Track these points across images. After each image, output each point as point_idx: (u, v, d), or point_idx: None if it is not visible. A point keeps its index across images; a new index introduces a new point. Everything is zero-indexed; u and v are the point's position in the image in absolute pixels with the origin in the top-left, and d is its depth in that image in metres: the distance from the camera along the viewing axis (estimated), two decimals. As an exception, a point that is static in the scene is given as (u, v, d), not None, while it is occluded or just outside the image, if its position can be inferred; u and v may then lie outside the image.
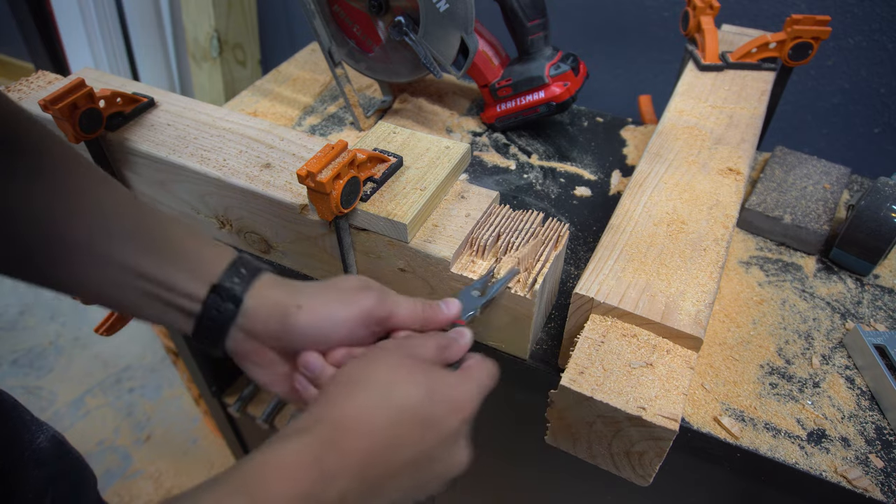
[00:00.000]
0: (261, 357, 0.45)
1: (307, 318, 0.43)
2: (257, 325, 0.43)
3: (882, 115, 1.16)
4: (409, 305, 0.46)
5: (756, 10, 1.15)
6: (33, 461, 0.44)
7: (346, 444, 0.35)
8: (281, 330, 0.43)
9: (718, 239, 0.57)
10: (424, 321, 0.46)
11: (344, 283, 0.45)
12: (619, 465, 0.52)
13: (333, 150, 0.51)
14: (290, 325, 0.43)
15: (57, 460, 0.47)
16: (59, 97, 0.58)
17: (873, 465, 0.53)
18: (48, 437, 0.47)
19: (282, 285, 0.45)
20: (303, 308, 0.43)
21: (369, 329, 0.44)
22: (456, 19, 0.73)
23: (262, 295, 0.44)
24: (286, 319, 0.43)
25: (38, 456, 0.45)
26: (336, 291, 0.45)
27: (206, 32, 1.73)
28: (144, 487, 1.56)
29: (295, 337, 0.43)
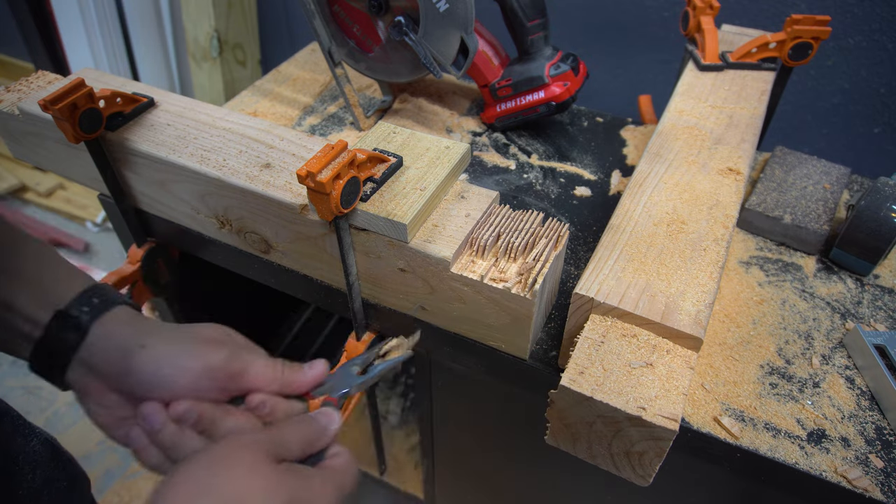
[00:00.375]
0: (101, 397, 0.42)
1: (148, 360, 0.40)
2: (98, 361, 0.41)
3: (882, 115, 1.16)
4: (267, 365, 0.43)
5: (756, 10, 1.15)
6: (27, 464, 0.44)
7: None
8: (122, 369, 0.41)
9: (718, 239, 0.57)
10: (284, 384, 0.44)
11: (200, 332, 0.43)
12: (619, 465, 0.52)
13: (333, 150, 0.51)
14: (132, 366, 0.40)
15: (51, 463, 0.46)
16: (59, 97, 0.58)
17: (873, 465, 0.53)
18: (41, 441, 0.46)
19: (134, 323, 0.43)
20: (146, 349, 0.41)
21: (218, 384, 0.42)
22: (456, 19, 0.73)
23: (109, 329, 0.41)
24: (128, 359, 0.40)
25: (32, 459, 0.44)
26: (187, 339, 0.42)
27: (206, 32, 1.73)
28: (144, 487, 1.56)
29: (135, 379, 0.41)
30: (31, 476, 0.44)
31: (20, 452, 0.44)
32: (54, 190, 2.26)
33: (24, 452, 0.44)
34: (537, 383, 0.60)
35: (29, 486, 0.43)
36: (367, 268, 0.60)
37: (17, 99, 0.72)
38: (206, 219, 0.68)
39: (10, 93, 0.73)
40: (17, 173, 2.29)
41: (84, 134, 0.62)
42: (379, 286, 0.62)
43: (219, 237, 0.70)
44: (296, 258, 0.66)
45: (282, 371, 0.44)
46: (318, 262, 0.64)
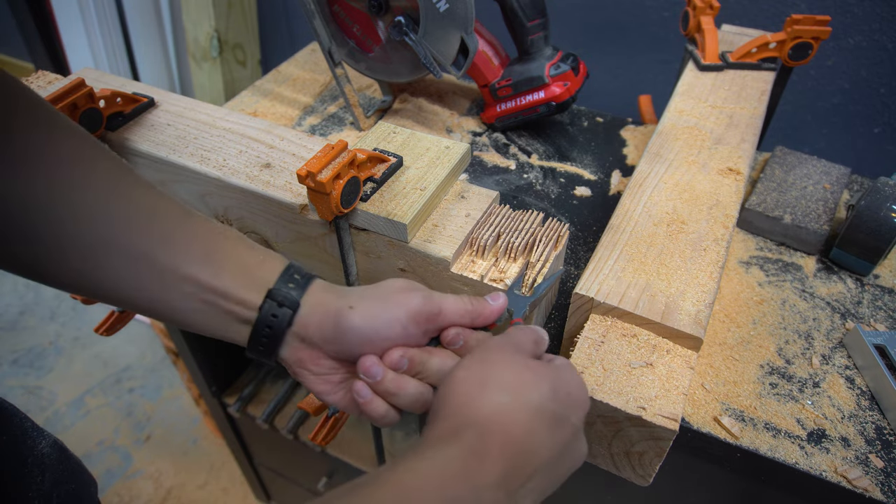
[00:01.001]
0: (316, 364, 0.45)
1: (360, 318, 0.43)
2: (312, 330, 0.44)
3: (882, 115, 1.16)
4: (457, 301, 0.46)
5: (756, 10, 1.15)
6: (37, 467, 0.44)
7: (493, 455, 0.35)
8: (335, 332, 0.43)
9: (718, 239, 0.57)
10: (474, 316, 0.46)
11: (391, 285, 0.46)
12: (619, 465, 0.52)
13: (333, 150, 0.51)
14: (344, 327, 0.43)
15: (59, 465, 0.47)
16: (59, 97, 0.58)
17: (873, 465, 0.53)
18: (49, 443, 0.47)
19: (333, 290, 0.45)
20: (355, 309, 0.43)
21: (421, 327, 0.44)
22: (456, 19, 0.73)
23: (315, 299, 0.44)
24: (340, 321, 0.43)
25: (41, 461, 0.45)
26: (385, 292, 0.45)
27: (206, 32, 1.73)
28: (144, 487, 1.56)
29: (349, 338, 0.43)
30: (41, 479, 0.44)
31: (29, 455, 0.44)
32: (54, 190, 2.26)
33: (34, 455, 0.45)
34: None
35: (39, 488, 0.44)
36: (368, 268, 0.60)
37: (17, 99, 0.72)
38: (206, 219, 0.68)
39: (10, 93, 0.73)
40: (17, 173, 2.28)
41: (84, 134, 0.62)
42: (379, 286, 0.62)
43: (219, 237, 0.70)
44: (296, 258, 0.66)
45: (470, 304, 0.46)
46: (318, 262, 0.64)
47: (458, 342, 0.45)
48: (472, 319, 0.46)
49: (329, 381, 0.46)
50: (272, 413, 1.10)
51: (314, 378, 0.46)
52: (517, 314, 0.49)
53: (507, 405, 0.37)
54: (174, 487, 1.56)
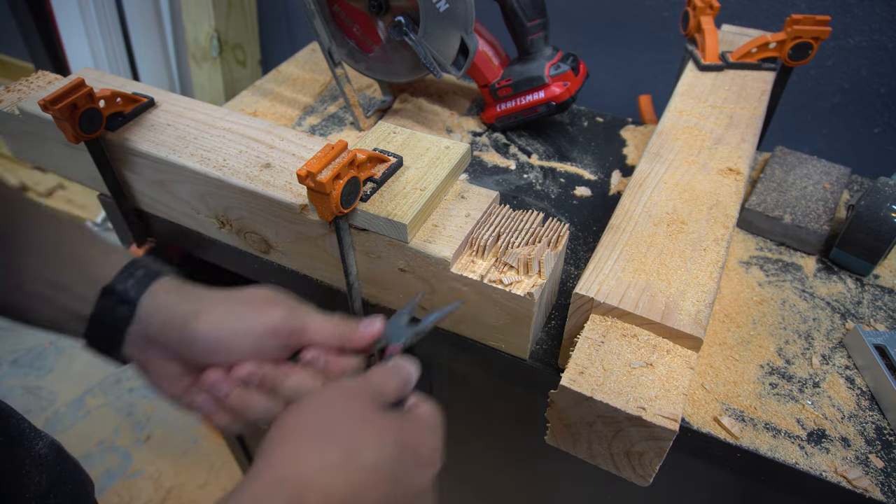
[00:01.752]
0: (163, 368, 0.43)
1: (208, 327, 0.41)
2: (154, 332, 0.41)
3: (882, 115, 1.16)
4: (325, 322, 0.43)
5: (756, 10, 1.15)
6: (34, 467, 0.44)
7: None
8: (180, 338, 0.41)
9: (718, 239, 0.57)
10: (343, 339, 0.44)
11: (251, 295, 0.43)
12: (619, 465, 0.52)
13: (333, 150, 0.51)
14: (190, 334, 0.40)
15: (56, 466, 0.46)
16: (59, 97, 0.58)
17: (873, 465, 0.53)
18: (47, 444, 0.47)
19: (182, 291, 0.43)
20: (203, 314, 0.41)
21: (280, 342, 0.42)
22: (456, 19, 0.73)
23: (159, 299, 0.42)
24: (185, 327, 0.41)
25: (38, 462, 0.45)
26: (241, 302, 0.42)
27: (206, 32, 1.73)
28: (144, 487, 1.56)
29: (195, 346, 0.41)
30: (38, 479, 0.44)
31: (26, 456, 0.44)
32: (54, 190, 2.26)
33: (31, 456, 0.44)
34: (537, 383, 0.60)
35: (36, 489, 0.44)
36: (367, 268, 0.60)
37: (17, 99, 0.72)
38: (206, 219, 0.68)
39: (10, 93, 0.73)
40: (17, 173, 2.29)
41: (84, 134, 0.62)
42: (379, 286, 0.62)
43: (219, 237, 0.70)
44: (296, 258, 0.66)
45: (340, 326, 0.44)
46: (318, 262, 0.64)
47: (317, 364, 0.43)
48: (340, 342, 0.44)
49: (177, 385, 0.44)
50: (272, 413, 1.10)
51: (161, 381, 0.43)
52: (395, 341, 0.46)
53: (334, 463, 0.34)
54: (174, 487, 1.56)
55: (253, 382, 0.41)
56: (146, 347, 0.42)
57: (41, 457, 0.45)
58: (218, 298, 0.42)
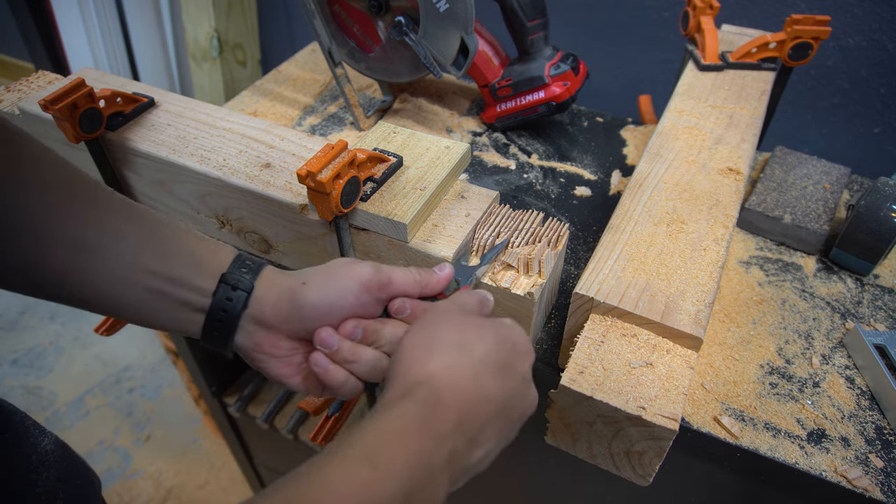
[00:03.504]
0: (274, 347, 0.46)
1: (315, 292, 0.44)
2: (267, 311, 0.44)
3: (882, 115, 1.16)
4: (406, 271, 0.47)
5: (756, 10, 1.15)
6: (41, 463, 0.45)
7: (446, 403, 0.36)
8: (291, 309, 0.44)
9: (718, 239, 0.57)
10: (423, 285, 0.48)
11: (338, 262, 0.47)
12: (619, 465, 0.52)
13: (333, 150, 0.51)
14: (300, 302, 0.44)
15: (63, 462, 0.47)
16: (59, 97, 0.58)
17: (873, 464, 0.53)
18: (52, 441, 0.47)
19: (285, 273, 0.47)
20: (308, 284, 0.45)
21: (373, 295, 0.45)
22: (456, 19, 0.73)
23: (269, 282, 0.45)
24: (294, 297, 0.44)
25: (44, 458, 0.45)
26: (334, 268, 0.46)
27: (206, 32, 1.73)
28: (144, 487, 1.56)
29: (305, 313, 0.44)
30: (46, 475, 0.45)
31: (33, 452, 0.45)
32: (54, 190, 2.26)
33: (37, 452, 0.45)
34: (537, 383, 0.60)
35: (45, 484, 0.44)
36: (367, 268, 0.60)
37: (17, 99, 0.72)
38: (206, 219, 0.68)
39: (10, 93, 0.73)
40: (17, 173, 2.28)
41: (84, 134, 0.62)
42: (379, 286, 0.62)
43: (219, 237, 0.70)
44: (296, 258, 0.66)
45: (419, 275, 0.48)
46: (318, 261, 0.64)
47: (404, 311, 0.47)
48: (420, 289, 0.48)
49: (289, 363, 0.46)
50: (272, 413, 1.10)
51: (274, 361, 0.46)
52: (464, 283, 0.51)
53: (454, 361, 0.39)
54: (174, 487, 1.56)
55: (357, 335, 0.45)
56: (256, 330, 0.45)
57: (48, 453, 0.46)
58: (314, 271, 0.46)
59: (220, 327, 0.44)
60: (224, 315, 0.44)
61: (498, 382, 0.39)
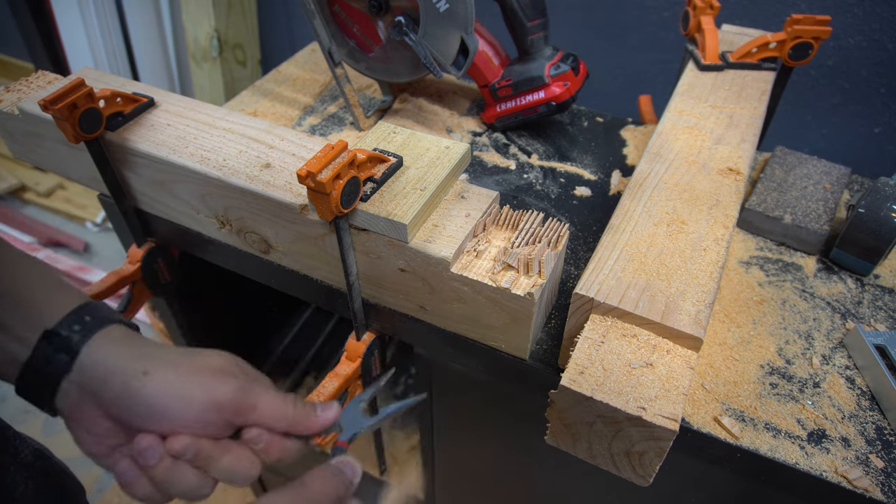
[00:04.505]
0: (93, 424, 0.40)
1: (151, 389, 0.38)
2: (95, 385, 0.39)
3: (882, 115, 1.16)
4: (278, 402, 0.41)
5: (756, 10, 1.15)
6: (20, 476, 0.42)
7: None
8: (122, 396, 0.38)
9: (718, 239, 0.57)
10: (292, 423, 0.42)
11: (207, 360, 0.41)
12: (619, 465, 0.52)
13: (333, 150, 0.51)
14: (133, 393, 0.38)
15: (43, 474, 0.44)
16: (58, 97, 0.58)
17: (873, 465, 0.53)
18: (32, 451, 0.44)
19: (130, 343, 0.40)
20: (149, 376, 0.39)
21: (224, 419, 0.40)
22: (456, 19, 0.73)
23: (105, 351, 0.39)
24: (129, 385, 0.38)
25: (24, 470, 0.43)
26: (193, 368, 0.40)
27: (206, 32, 1.73)
28: (144, 487, 1.56)
29: (135, 408, 0.38)
30: (24, 487, 0.42)
31: (11, 463, 0.42)
32: (54, 190, 2.26)
33: (16, 463, 0.42)
34: (537, 383, 0.60)
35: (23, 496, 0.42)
36: (367, 268, 0.60)
37: (17, 99, 0.72)
38: (206, 219, 0.68)
39: (10, 93, 0.73)
40: (17, 173, 2.29)
41: (84, 134, 0.62)
42: (379, 286, 0.62)
43: (219, 237, 0.70)
44: (296, 258, 0.66)
45: (293, 408, 0.42)
46: (318, 262, 0.64)
47: (258, 443, 0.41)
48: (289, 426, 0.42)
49: (104, 443, 0.41)
50: (272, 413, 1.10)
51: (88, 437, 0.41)
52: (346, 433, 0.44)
53: None
54: (174, 487, 1.56)
55: (186, 456, 0.39)
56: (80, 399, 0.39)
57: (27, 465, 0.43)
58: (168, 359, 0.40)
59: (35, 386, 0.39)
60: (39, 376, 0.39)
61: None
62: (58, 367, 0.38)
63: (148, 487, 0.39)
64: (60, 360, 0.38)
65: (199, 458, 0.39)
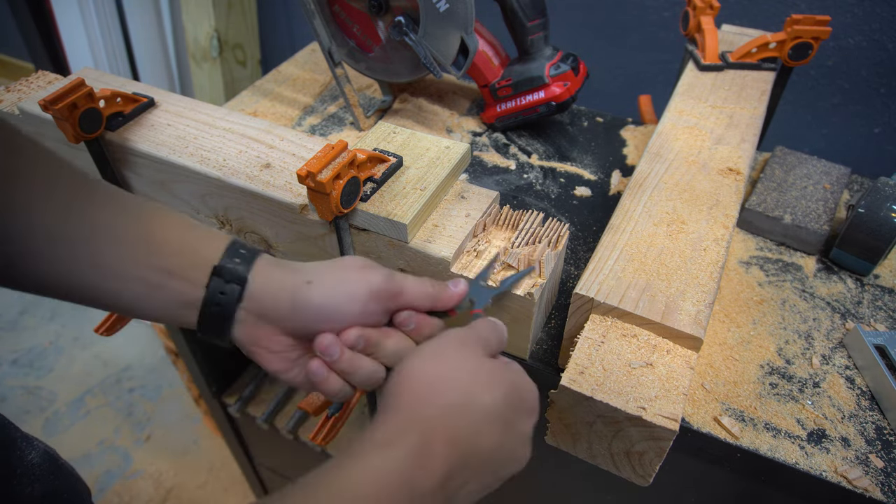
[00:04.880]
0: (271, 342, 0.44)
1: (319, 294, 0.42)
2: (266, 305, 0.42)
3: (882, 115, 1.16)
4: (418, 282, 0.45)
5: (756, 10, 1.15)
6: (26, 478, 0.43)
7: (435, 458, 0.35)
8: (292, 308, 0.42)
9: (718, 239, 0.57)
10: (434, 299, 0.45)
11: (350, 262, 0.45)
12: (619, 465, 0.52)
13: (333, 150, 0.51)
14: (302, 302, 0.42)
15: (50, 476, 0.45)
16: (59, 97, 0.58)
17: (873, 465, 0.53)
18: (40, 454, 0.45)
19: (285, 265, 0.44)
20: (313, 284, 0.42)
21: (381, 305, 0.43)
22: (456, 19, 0.73)
23: (267, 274, 0.43)
24: (297, 296, 0.42)
25: (31, 473, 0.44)
26: (344, 269, 0.44)
27: (206, 32, 1.73)
28: (144, 487, 1.56)
29: (307, 314, 0.42)
30: (30, 490, 0.43)
31: (18, 465, 0.43)
32: (54, 190, 2.25)
33: (23, 465, 0.43)
34: (537, 383, 0.60)
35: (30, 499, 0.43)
36: (367, 268, 0.60)
37: (17, 99, 0.72)
38: (206, 219, 0.68)
39: (10, 93, 0.73)
40: (17, 173, 2.28)
41: (84, 134, 0.62)
42: (379, 286, 0.62)
43: (219, 237, 0.70)
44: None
45: (431, 287, 0.45)
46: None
47: (409, 324, 0.44)
48: (432, 303, 0.45)
49: (286, 358, 0.45)
50: (272, 413, 1.10)
51: (270, 356, 0.44)
52: (479, 304, 0.49)
53: (457, 406, 0.37)
54: (174, 487, 1.56)
55: (359, 346, 0.43)
56: (255, 324, 0.43)
57: (34, 466, 0.44)
58: (321, 269, 0.44)
59: (215, 320, 0.42)
60: (218, 309, 0.42)
61: (496, 439, 0.38)
62: (232, 298, 0.42)
63: (338, 381, 0.43)
64: (233, 289, 0.42)
65: (369, 344, 0.43)
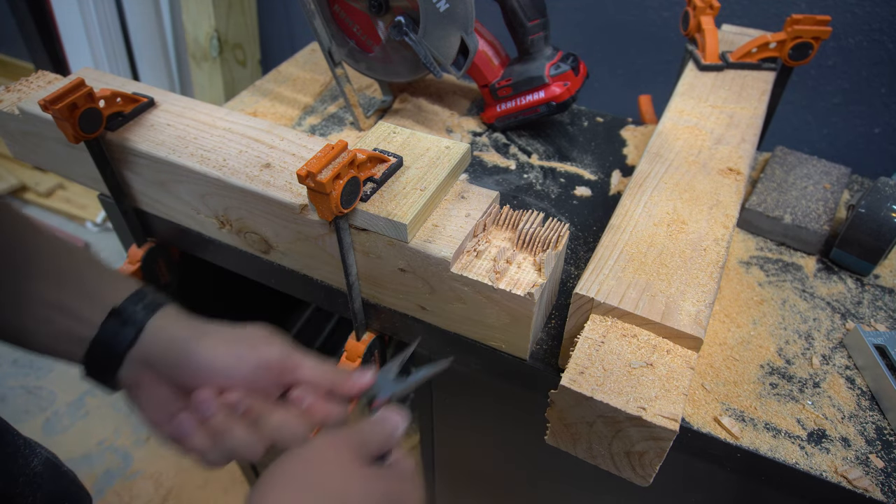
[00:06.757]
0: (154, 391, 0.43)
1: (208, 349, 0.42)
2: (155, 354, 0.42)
3: (882, 115, 1.16)
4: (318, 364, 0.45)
5: (756, 10, 1.15)
6: (27, 486, 0.44)
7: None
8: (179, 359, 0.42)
9: (718, 239, 0.57)
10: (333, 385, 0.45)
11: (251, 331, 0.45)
12: (619, 465, 0.52)
13: (333, 150, 0.51)
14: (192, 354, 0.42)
15: (52, 483, 0.46)
16: (58, 97, 0.58)
17: (873, 465, 0.53)
18: (42, 461, 0.46)
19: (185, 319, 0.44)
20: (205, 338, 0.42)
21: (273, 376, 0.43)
22: (456, 19, 0.73)
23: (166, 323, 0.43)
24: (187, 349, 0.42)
25: (33, 480, 0.44)
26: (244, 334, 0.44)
27: (206, 32, 1.73)
28: (144, 487, 1.56)
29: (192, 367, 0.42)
30: (32, 499, 0.43)
31: (20, 474, 0.43)
32: (54, 190, 2.26)
33: (25, 474, 0.44)
34: (537, 383, 0.60)
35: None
36: (367, 268, 0.60)
37: (17, 99, 0.72)
38: (206, 219, 0.68)
39: (10, 93, 0.73)
40: (17, 173, 2.29)
41: (84, 134, 0.62)
42: (379, 286, 0.62)
43: (219, 237, 0.70)
44: (296, 258, 0.66)
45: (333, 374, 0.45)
46: (318, 262, 0.64)
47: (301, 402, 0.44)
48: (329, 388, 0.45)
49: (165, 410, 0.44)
50: (272, 413, 1.10)
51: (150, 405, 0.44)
52: (382, 396, 0.47)
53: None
54: (174, 487, 1.56)
55: (239, 410, 0.42)
56: (141, 371, 0.43)
57: (36, 475, 0.44)
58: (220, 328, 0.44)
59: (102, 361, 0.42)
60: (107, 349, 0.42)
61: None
62: (124, 340, 0.42)
63: (204, 440, 0.42)
64: (127, 333, 0.42)
65: (251, 412, 0.42)
